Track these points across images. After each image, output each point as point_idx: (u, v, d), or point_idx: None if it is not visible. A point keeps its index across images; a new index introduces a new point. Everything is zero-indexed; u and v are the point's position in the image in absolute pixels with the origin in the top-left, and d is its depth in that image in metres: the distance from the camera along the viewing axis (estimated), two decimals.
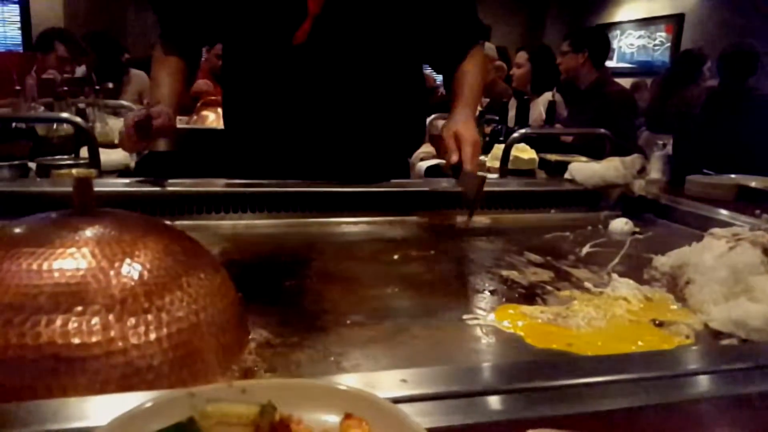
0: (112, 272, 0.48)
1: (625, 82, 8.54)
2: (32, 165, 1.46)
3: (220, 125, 2.95)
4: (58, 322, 0.44)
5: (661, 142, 1.49)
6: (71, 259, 0.48)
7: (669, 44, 8.50)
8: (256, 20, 1.12)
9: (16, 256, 0.47)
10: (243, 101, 1.23)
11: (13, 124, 1.61)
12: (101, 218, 0.55)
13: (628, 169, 1.24)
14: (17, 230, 0.53)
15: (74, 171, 0.56)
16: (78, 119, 1.38)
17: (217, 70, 3.66)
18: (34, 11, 8.69)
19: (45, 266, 0.47)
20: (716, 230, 0.83)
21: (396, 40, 1.18)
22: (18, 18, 8.84)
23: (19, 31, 8.78)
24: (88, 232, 0.51)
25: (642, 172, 1.26)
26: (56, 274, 0.46)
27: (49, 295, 0.45)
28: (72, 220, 0.53)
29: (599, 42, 2.81)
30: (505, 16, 10.10)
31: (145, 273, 0.49)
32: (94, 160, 1.41)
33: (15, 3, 8.82)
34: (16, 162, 1.42)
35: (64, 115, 1.49)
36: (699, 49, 3.93)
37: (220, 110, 2.94)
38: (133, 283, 0.48)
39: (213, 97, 3.19)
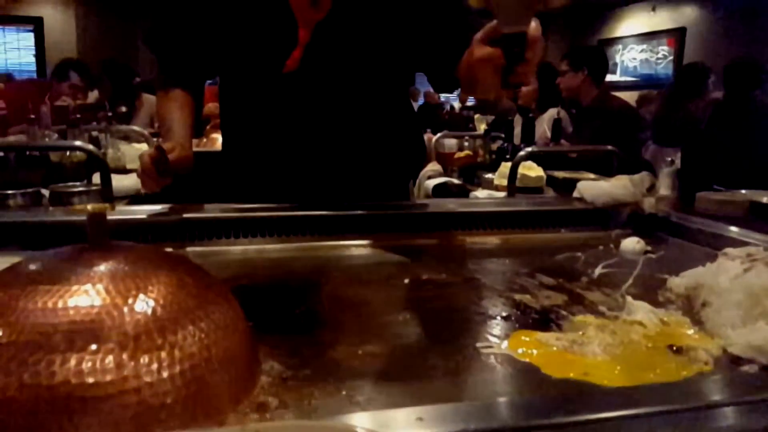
0: (125, 309, 0.48)
1: (631, 95, 8.56)
2: (45, 192, 1.47)
3: None
4: (73, 361, 0.44)
5: (669, 159, 1.49)
6: (86, 296, 0.48)
7: (672, 57, 8.53)
8: (248, 50, 1.13)
9: (32, 294, 0.47)
10: (239, 127, 1.24)
11: (27, 152, 1.64)
12: (115, 252, 0.55)
13: (638, 187, 1.24)
14: (33, 267, 0.53)
15: (89, 206, 0.56)
16: (91, 147, 1.40)
17: None
18: (48, 38, 8.87)
19: (60, 304, 0.47)
20: (730, 250, 0.82)
21: (386, 64, 1.19)
22: (32, 44, 9.02)
23: (34, 58, 8.96)
24: (102, 268, 0.51)
25: (651, 189, 1.26)
26: (71, 312, 0.46)
27: (64, 334, 0.45)
28: (86, 255, 0.54)
29: (597, 59, 2.83)
30: None
31: (158, 309, 0.49)
32: (106, 187, 1.42)
33: (30, 31, 9.01)
34: (30, 189, 1.43)
35: (77, 143, 1.52)
36: (702, 63, 3.93)
37: None
38: (146, 320, 0.48)
39: None
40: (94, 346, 0.45)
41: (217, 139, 2.98)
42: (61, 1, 8.81)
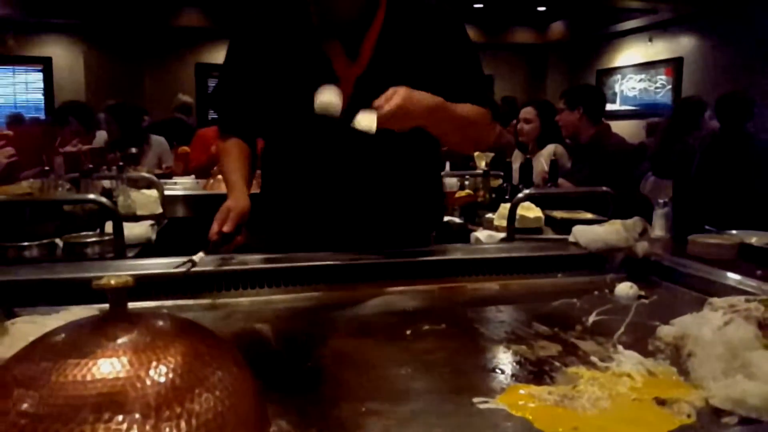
0: (148, 381, 0.52)
1: (631, 124, 8.67)
2: (59, 242, 1.53)
3: None
4: None
5: (662, 200, 1.53)
6: (111, 369, 0.52)
7: (670, 87, 8.66)
8: (293, 103, 1.25)
9: (62, 367, 0.52)
10: (279, 172, 1.38)
11: None
12: (135, 323, 0.60)
13: (630, 232, 1.28)
14: (60, 338, 0.58)
15: (112, 281, 0.61)
16: (104, 200, 1.46)
17: None
18: (57, 78, 9.09)
19: (88, 377, 0.51)
20: (715, 300, 0.86)
21: None
22: (41, 84, 9.25)
23: (42, 97, 9.17)
24: (125, 339, 0.56)
25: (644, 234, 1.30)
26: (99, 385, 0.51)
27: (93, 406, 0.49)
28: (109, 327, 0.58)
29: (593, 98, 2.90)
30: (506, 65, 10.38)
31: (177, 379, 0.54)
32: (118, 237, 1.48)
33: (39, 71, 9.25)
34: (45, 241, 1.49)
35: (91, 196, 1.58)
36: (698, 97, 4.02)
37: None
38: (166, 390, 0.52)
39: None
40: (120, 417, 0.49)
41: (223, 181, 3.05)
42: (70, 42, 9.06)
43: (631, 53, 9.42)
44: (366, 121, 1.10)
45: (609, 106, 9.38)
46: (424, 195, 1.39)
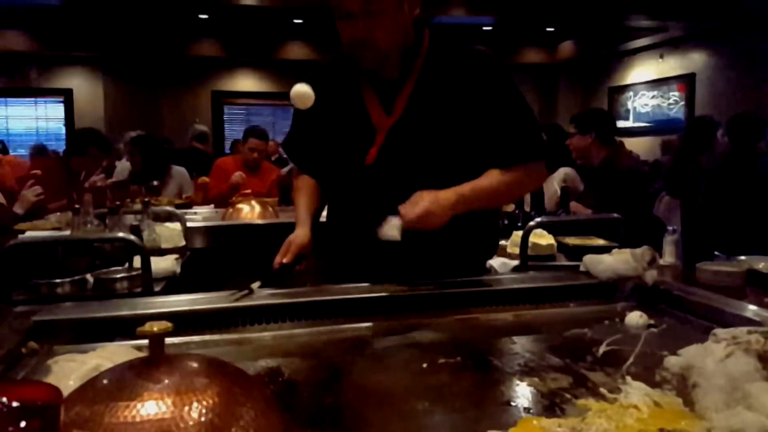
0: (190, 421, 0.58)
1: (645, 141, 8.65)
2: (90, 278, 1.60)
3: (255, 217, 3.13)
4: None
5: (671, 228, 1.57)
6: (157, 410, 0.58)
7: (683, 102, 8.66)
8: (340, 149, 1.43)
9: (113, 409, 0.58)
10: (336, 205, 1.51)
11: None
12: (173, 366, 0.66)
13: (639, 262, 1.32)
14: (108, 381, 0.64)
15: (155, 327, 0.67)
16: (133, 237, 1.54)
17: (251, 162, 3.89)
18: (77, 108, 9.36)
19: (138, 418, 0.57)
20: (719, 331, 0.90)
21: (450, 160, 1.36)
22: (62, 115, 9.52)
23: (64, 127, 9.43)
24: (167, 382, 0.62)
25: (653, 263, 1.34)
26: (146, 425, 0.57)
27: None
28: (152, 371, 0.64)
29: (604, 121, 2.94)
30: (519, 84, 10.43)
31: (215, 419, 0.59)
32: (146, 272, 1.55)
33: (60, 102, 9.54)
34: (77, 277, 1.56)
35: (121, 234, 1.66)
36: (710, 117, 4.04)
37: (254, 202, 3.13)
38: (206, 429, 0.58)
39: (247, 191, 3.40)
40: None
41: (242, 209, 3.13)
42: (90, 73, 9.34)
43: (642, 70, 9.45)
44: (391, 231, 1.22)
45: (622, 123, 9.47)
46: (477, 228, 1.45)
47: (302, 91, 1.32)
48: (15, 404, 0.42)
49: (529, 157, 1.38)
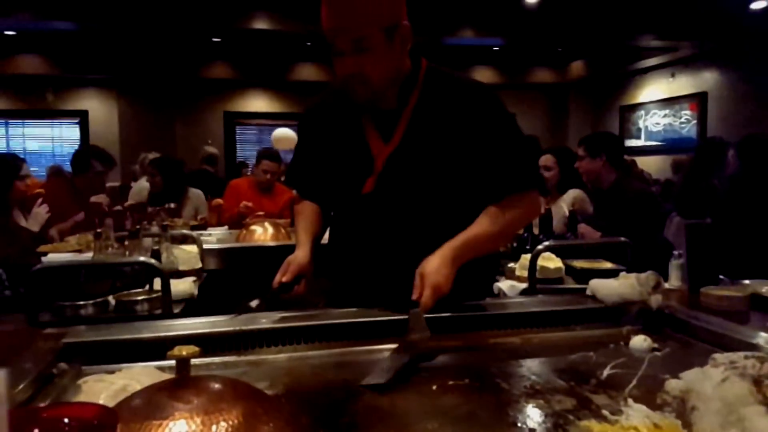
0: None
1: (657, 160, 8.63)
2: (112, 300, 1.66)
3: (268, 239, 3.18)
4: None
5: (677, 252, 1.60)
6: (187, 429, 0.63)
7: (695, 121, 8.67)
8: (340, 177, 1.48)
9: (148, 428, 0.63)
10: (337, 231, 1.56)
11: None
12: (200, 388, 0.71)
13: (644, 286, 1.36)
14: (142, 401, 0.69)
15: (184, 351, 0.73)
16: (153, 261, 1.61)
17: (264, 183, 3.97)
18: (93, 129, 9.55)
19: None
20: (717, 356, 0.93)
21: (447, 189, 1.41)
22: (78, 136, 9.72)
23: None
24: (196, 403, 0.67)
25: (657, 287, 1.37)
26: None
27: None
28: (180, 392, 0.69)
29: (614, 144, 2.98)
30: (527, 104, 10.56)
31: None
32: (166, 294, 1.61)
33: (76, 123, 9.75)
34: (99, 299, 1.63)
35: (142, 258, 1.73)
36: (720, 138, 4.07)
37: (267, 224, 3.20)
38: None
39: (260, 213, 3.47)
40: None
41: (256, 231, 3.20)
42: (104, 95, 9.56)
43: (653, 89, 9.49)
44: (419, 330, 1.19)
45: (634, 142, 9.49)
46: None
47: (282, 134, 1.39)
48: (76, 424, 0.47)
49: (521, 187, 1.41)
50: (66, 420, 0.47)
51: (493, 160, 1.39)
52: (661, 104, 9.34)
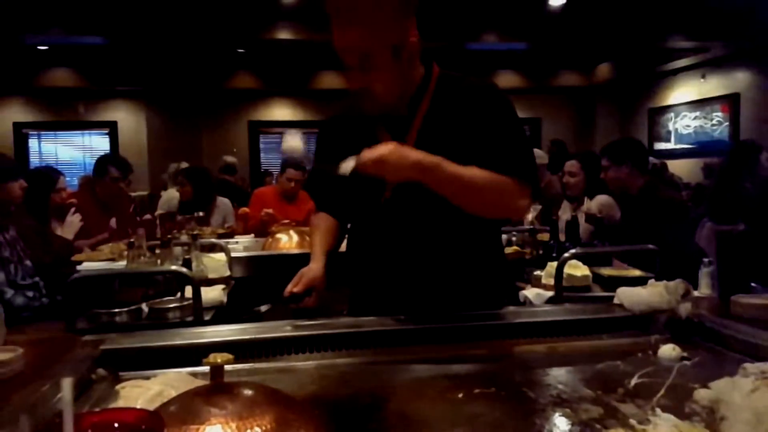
0: None
1: (689, 163, 8.46)
2: (145, 308, 1.71)
3: (293, 246, 3.22)
4: None
5: (707, 260, 1.58)
6: None
7: (727, 123, 8.47)
8: (360, 188, 1.47)
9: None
10: (355, 238, 1.58)
11: None
12: (234, 394, 0.74)
13: (672, 294, 1.34)
14: (179, 407, 0.72)
15: (219, 359, 0.76)
16: (184, 270, 1.65)
17: (289, 192, 4.02)
18: (122, 139, 9.79)
19: None
20: (748, 366, 0.93)
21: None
22: (107, 146, 9.96)
23: None
24: (230, 408, 0.70)
25: (686, 296, 1.36)
26: None
27: None
28: (215, 398, 0.72)
29: (636, 150, 2.93)
30: (554, 107, 10.46)
31: None
32: (197, 303, 1.65)
33: (105, 134, 10.00)
34: (133, 307, 1.68)
35: (174, 267, 1.78)
36: (753, 141, 3.99)
37: (292, 231, 3.24)
38: None
39: (286, 221, 3.51)
40: None
41: (281, 239, 3.24)
42: (133, 106, 9.79)
43: (683, 91, 9.28)
44: (343, 168, 1.27)
45: (664, 145, 9.32)
46: (482, 263, 1.49)
47: (291, 143, 1.41)
48: (125, 428, 0.50)
49: (516, 171, 1.36)
50: (116, 425, 0.50)
51: (493, 147, 1.37)
52: (692, 106, 9.15)
